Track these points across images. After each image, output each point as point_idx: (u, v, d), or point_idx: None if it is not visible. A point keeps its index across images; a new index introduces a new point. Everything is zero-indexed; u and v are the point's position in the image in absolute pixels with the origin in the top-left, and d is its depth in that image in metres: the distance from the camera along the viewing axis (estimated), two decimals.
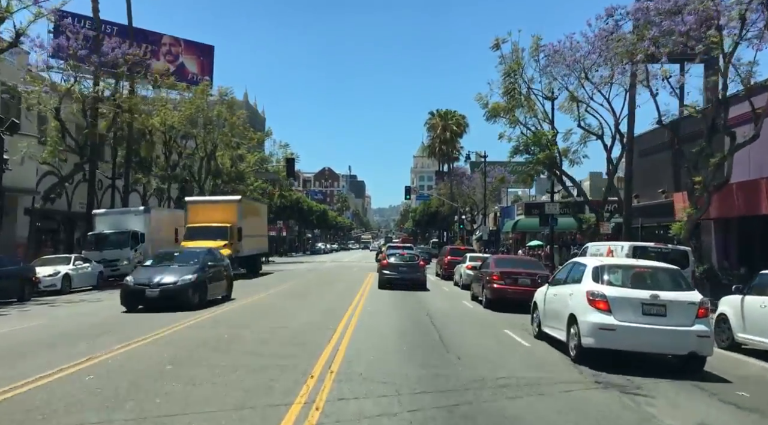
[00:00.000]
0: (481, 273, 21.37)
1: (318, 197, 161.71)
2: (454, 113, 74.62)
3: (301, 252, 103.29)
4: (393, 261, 26.37)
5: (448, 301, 22.13)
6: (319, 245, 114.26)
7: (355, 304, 19.44)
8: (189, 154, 41.88)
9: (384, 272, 26.04)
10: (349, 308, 18.25)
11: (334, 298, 21.35)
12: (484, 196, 61.80)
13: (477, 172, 70.13)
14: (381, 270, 26.36)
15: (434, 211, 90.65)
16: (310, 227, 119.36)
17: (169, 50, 64.60)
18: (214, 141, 40.18)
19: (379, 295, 22.99)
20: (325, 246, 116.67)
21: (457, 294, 25.14)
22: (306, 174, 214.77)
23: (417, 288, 25.53)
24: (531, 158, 33.12)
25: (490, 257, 23.46)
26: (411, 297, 22.37)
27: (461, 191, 70.40)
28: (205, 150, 40.54)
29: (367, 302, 20.34)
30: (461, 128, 74.30)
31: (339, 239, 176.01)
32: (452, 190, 69.71)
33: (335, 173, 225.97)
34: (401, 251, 28.24)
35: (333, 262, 62.51)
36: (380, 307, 19.05)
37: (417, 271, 26.14)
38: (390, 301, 21.00)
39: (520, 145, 32.54)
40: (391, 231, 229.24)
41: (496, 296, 19.06)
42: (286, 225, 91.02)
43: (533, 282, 18.09)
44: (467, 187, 70.55)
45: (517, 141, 32.56)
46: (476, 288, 21.76)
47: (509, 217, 67.07)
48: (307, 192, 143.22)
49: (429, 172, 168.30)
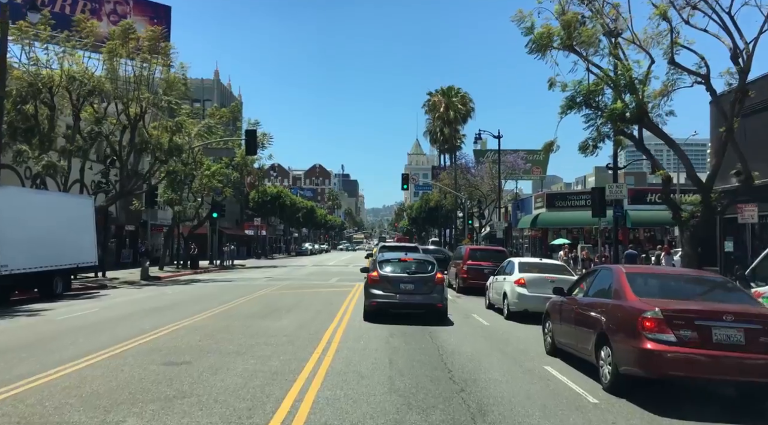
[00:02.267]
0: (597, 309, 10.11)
1: (308, 194, 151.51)
2: (458, 91, 63.47)
3: (285, 253, 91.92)
4: (389, 273, 15.21)
5: (504, 357, 10.95)
6: (306, 246, 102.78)
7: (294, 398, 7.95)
8: (113, 123, 30.65)
9: (374, 293, 14.93)
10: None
11: (236, 387, 8.18)
12: (498, 185, 50.93)
13: (484, 161, 59.39)
14: (369, 288, 15.22)
15: (434, 206, 79.88)
16: (296, 225, 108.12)
17: (114, 9, 53.95)
18: (141, 102, 28.98)
19: (363, 342, 11.85)
20: (313, 247, 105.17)
21: (508, 334, 14.03)
22: (296, 171, 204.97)
23: (431, 321, 14.58)
24: (592, 114, 22.34)
25: (601, 270, 11.75)
26: (425, 347, 11.30)
27: (468, 180, 59.59)
28: (127, 115, 29.30)
29: (332, 378, 9.10)
30: (467, 108, 63.18)
31: (330, 239, 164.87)
32: (456, 179, 58.78)
33: (326, 170, 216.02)
34: (402, 256, 16.74)
35: (316, 266, 51.42)
36: (363, 391, 7.89)
37: (432, 290, 15.02)
38: (382, 360, 9.88)
39: (578, 94, 21.67)
40: (385, 231, 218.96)
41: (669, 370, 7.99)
42: (265, 223, 79.57)
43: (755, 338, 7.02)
44: (473, 176, 59.86)
45: (574, 88, 21.68)
46: (563, 332, 10.57)
47: (525, 211, 56.47)
48: (292, 188, 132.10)
49: (425, 169, 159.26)
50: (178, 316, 14.93)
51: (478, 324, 15.17)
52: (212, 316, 15.07)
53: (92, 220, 24.57)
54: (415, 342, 11.74)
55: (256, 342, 11.28)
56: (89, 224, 24.27)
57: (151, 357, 9.69)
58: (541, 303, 16.04)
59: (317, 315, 15.61)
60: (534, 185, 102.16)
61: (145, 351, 10.27)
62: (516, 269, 17.25)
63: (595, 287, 9.35)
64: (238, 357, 9.78)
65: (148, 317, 14.76)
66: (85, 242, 23.74)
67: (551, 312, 10.85)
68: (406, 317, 14.76)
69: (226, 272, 40.02)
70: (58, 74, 27.36)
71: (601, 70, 20.88)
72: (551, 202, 51.19)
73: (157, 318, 14.53)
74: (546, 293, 16.17)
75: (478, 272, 24.05)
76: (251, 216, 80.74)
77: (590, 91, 21.41)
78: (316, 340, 11.66)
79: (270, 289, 24.54)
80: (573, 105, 22.01)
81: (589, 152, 23.49)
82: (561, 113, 22.48)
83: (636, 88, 19.38)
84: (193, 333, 12.22)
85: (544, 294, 16.10)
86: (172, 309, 16.70)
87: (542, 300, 15.95)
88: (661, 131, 20.25)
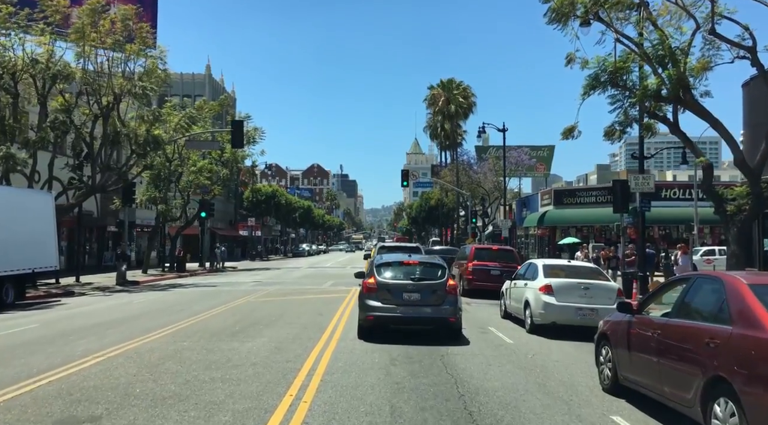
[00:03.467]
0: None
1: (305, 194, 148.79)
2: (459, 83, 60.54)
3: (282, 255, 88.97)
4: (389, 280, 12.33)
5: (548, 398, 8.00)
6: (303, 247, 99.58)
7: None
8: (85, 114, 27.77)
9: (370, 305, 12.05)
10: None
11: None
12: (504, 180, 48.11)
13: (487, 157, 56.55)
14: (365, 299, 12.34)
15: (435, 205, 77.05)
16: (293, 226, 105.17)
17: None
18: (113, 89, 26.06)
19: (354, 375, 8.96)
20: (310, 247, 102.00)
21: (542, 357, 11.10)
22: (294, 171, 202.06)
23: (442, 338, 11.76)
24: (619, 94, 19.63)
25: (696, 279, 8.57)
26: (439, 381, 8.39)
27: (470, 177, 56.79)
28: (98, 103, 26.39)
29: None
30: (468, 102, 60.24)
31: (329, 239, 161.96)
32: (458, 175, 55.96)
33: (325, 170, 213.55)
34: (405, 259, 13.64)
35: (311, 267, 48.52)
36: None
37: (442, 300, 12.11)
38: (381, 408, 7.00)
39: (603, 71, 18.93)
40: (384, 231, 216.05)
41: None
42: (260, 224, 76.60)
43: None
44: (476, 173, 57.08)
45: (598, 65, 18.92)
46: (634, 365, 7.57)
47: (531, 209, 53.68)
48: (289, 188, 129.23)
49: (424, 168, 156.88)
50: (127, 335, 12.03)
51: (499, 341, 12.28)
52: (170, 334, 12.19)
53: (52, 219, 21.69)
54: (424, 373, 8.88)
55: (211, 376, 8.38)
56: (48, 224, 21.40)
57: (46, 408, 6.76)
58: (571, 315, 13.28)
59: (301, 332, 12.72)
60: (534, 184, 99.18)
61: (47, 395, 7.33)
62: (540, 273, 14.36)
63: (690, 305, 6.50)
64: (172, 406, 6.84)
65: (88, 337, 11.84)
66: (44, 244, 20.87)
67: (612, 336, 7.98)
68: (412, 333, 11.93)
69: (214, 276, 37.14)
70: (21, 58, 24.56)
71: (632, 41, 18.09)
72: (559, 199, 48.39)
73: (98, 338, 11.62)
74: (578, 303, 13.37)
75: (484, 273, 22.28)
76: (245, 216, 77.81)
77: (617, 69, 18.69)
78: (293, 371, 8.77)
79: (254, 296, 21.65)
80: (596, 84, 19.23)
81: (615, 138, 20.62)
82: (583, 94, 19.63)
83: (677, 60, 16.58)
84: (132, 363, 9.31)
85: (576, 304, 13.36)
86: (127, 324, 13.80)
87: (573, 312, 13.20)
88: (705, 109, 17.39)
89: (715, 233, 43.31)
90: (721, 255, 36.94)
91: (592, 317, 12.57)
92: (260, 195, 74.66)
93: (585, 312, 13.08)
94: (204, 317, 15.08)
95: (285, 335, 12.20)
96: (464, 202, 58.84)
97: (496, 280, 20.63)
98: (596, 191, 48.71)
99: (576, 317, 13.22)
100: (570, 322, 13.35)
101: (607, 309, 12.70)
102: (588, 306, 13.14)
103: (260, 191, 76.18)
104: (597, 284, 13.89)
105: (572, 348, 11.70)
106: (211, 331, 12.55)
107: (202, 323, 13.97)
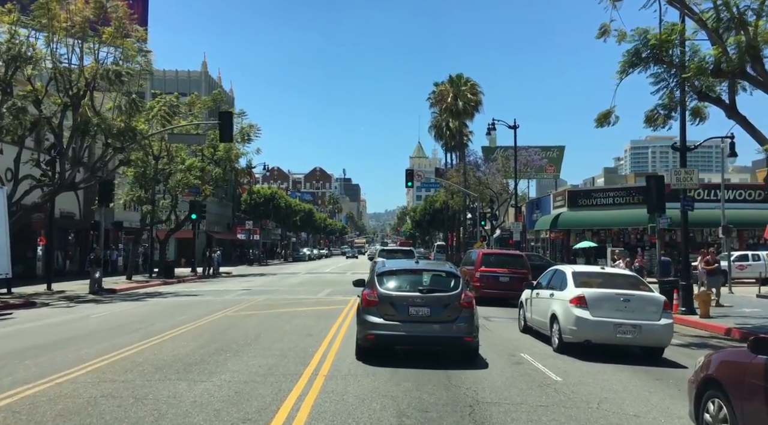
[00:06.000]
0: None
1: (307, 197, 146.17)
2: (467, 79, 57.54)
3: (281, 259, 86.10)
4: (393, 291, 9.56)
5: None
6: (304, 251, 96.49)
7: None
8: (56, 103, 24.93)
9: (370, 321, 9.38)
10: None
11: None
12: (515, 180, 45.24)
13: (496, 157, 53.62)
14: (364, 314, 9.53)
15: (440, 207, 74.24)
16: (294, 229, 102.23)
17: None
18: (84, 73, 23.18)
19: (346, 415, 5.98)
20: (311, 252, 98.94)
21: (591, 394, 8.06)
22: (296, 175, 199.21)
23: (458, 361, 9.05)
24: (663, 73, 16.92)
25: None
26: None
27: (478, 179, 53.94)
28: (67, 90, 23.53)
29: None
30: (476, 99, 57.22)
31: (331, 244, 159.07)
32: (466, 176, 53.09)
33: (327, 173, 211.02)
34: (411, 267, 10.67)
35: (309, 273, 45.63)
36: None
37: (456, 316, 9.42)
38: None
39: (645, 46, 16.20)
40: (387, 236, 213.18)
41: None
42: (258, 227, 73.67)
43: None
44: (483, 174, 54.26)
45: (639, 39, 16.20)
46: None
47: (543, 211, 50.84)
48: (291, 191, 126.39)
49: (428, 172, 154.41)
50: (42, 369, 9.03)
51: (541, 377, 9.13)
52: (101, 368, 9.17)
53: (4, 218, 18.82)
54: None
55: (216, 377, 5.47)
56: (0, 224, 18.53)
57: None
58: (609, 332, 10.77)
59: (279, 363, 9.70)
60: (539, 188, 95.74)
61: None
62: (569, 281, 11.65)
63: None
64: None
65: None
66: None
67: (731, 385, 5.04)
68: (424, 355, 9.04)
69: (203, 283, 34.20)
70: None
71: (685, 6, 15.21)
72: (573, 200, 45.52)
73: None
74: (617, 318, 10.72)
75: (492, 280, 21.37)
76: (243, 219, 74.94)
77: (663, 41, 15.84)
78: None
79: (237, 308, 18.67)
80: (637, 61, 16.45)
81: (659, 124, 17.71)
82: (620, 72, 16.81)
83: (747, 23, 13.63)
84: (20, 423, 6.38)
85: (615, 319, 10.74)
86: (57, 351, 10.76)
87: (612, 328, 10.76)
88: None
89: (743, 236, 40.35)
90: (756, 261, 34.17)
91: (635, 335, 10.58)
92: (258, 197, 71.81)
93: (626, 329, 10.70)
94: (161, 339, 12.08)
95: (256, 368, 9.22)
96: (471, 204, 55.87)
97: (504, 287, 20.73)
98: (613, 191, 45.84)
99: (615, 335, 10.71)
100: (607, 341, 10.83)
101: (651, 325, 10.77)
102: (629, 322, 10.71)
103: (258, 193, 73.35)
104: (639, 296, 11.17)
105: (643, 387, 8.68)
106: (158, 363, 9.52)
107: (155, 348, 10.97)
